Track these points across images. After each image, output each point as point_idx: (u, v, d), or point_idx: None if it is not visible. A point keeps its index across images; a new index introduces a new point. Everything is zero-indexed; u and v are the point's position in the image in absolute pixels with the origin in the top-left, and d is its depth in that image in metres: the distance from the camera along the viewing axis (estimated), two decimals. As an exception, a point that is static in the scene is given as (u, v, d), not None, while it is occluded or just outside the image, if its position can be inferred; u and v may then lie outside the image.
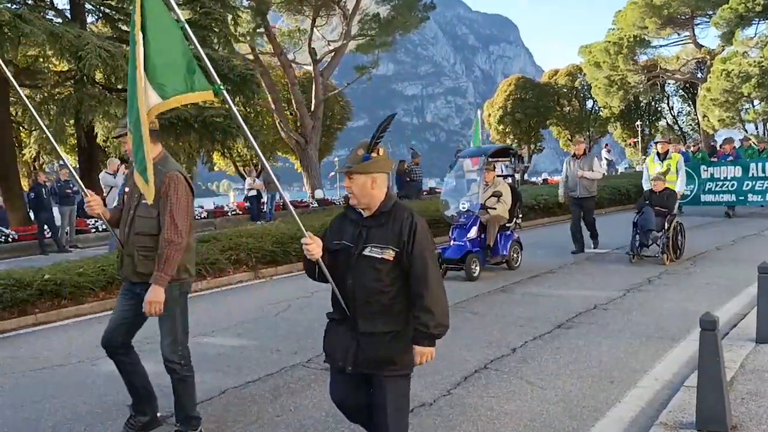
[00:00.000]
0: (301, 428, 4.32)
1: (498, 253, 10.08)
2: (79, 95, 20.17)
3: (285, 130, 30.81)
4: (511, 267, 10.23)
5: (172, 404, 4.84)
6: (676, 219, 10.57)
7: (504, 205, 10.14)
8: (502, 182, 10.47)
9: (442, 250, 9.58)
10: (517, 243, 10.49)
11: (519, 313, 7.41)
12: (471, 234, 9.72)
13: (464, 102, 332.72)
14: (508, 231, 10.34)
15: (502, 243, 10.14)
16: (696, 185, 16.83)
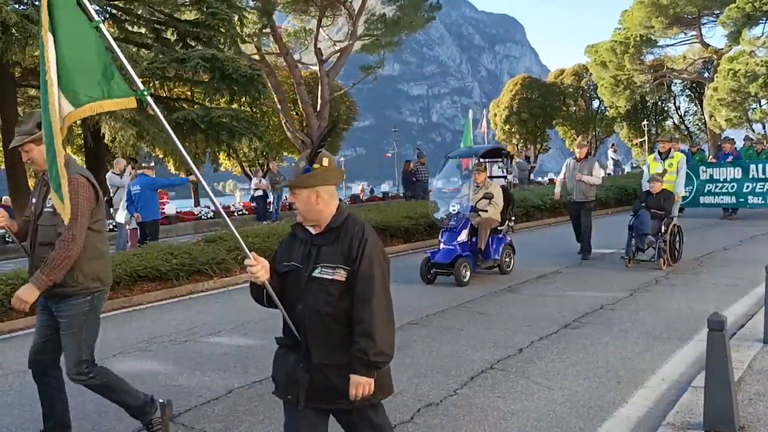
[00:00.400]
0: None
1: (489, 257, 9.70)
2: (86, 96, 20.13)
3: (291, 130, 30.85)
4: (503, 271, 9.88)
5: (183, 404, 4.87)
6: (674, 222, 10.13)
7: (495, 207, 9.81)
8: (493, 184, 10.19)
9: (432, 254, 9.44)
10: (509, 247, 10.08)
11: (526, 313, 7.39)
12: (461, 237, 9.39)
13: (470, 102, 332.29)
14: (500, 234, 9.98)
15: (494, 247, 9.77)
16: (694, 186, 16.46)
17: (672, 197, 10.28)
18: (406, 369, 5.49)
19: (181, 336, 7.12)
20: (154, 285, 9.51)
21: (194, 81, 23.65)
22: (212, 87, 22.46)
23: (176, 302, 9.24)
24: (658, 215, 9.94)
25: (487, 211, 9.70)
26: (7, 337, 7.59)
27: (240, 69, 21.45)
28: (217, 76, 21.71)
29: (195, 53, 21.42)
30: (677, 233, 10.21)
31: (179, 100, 26.92)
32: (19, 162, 22.67)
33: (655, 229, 9.81)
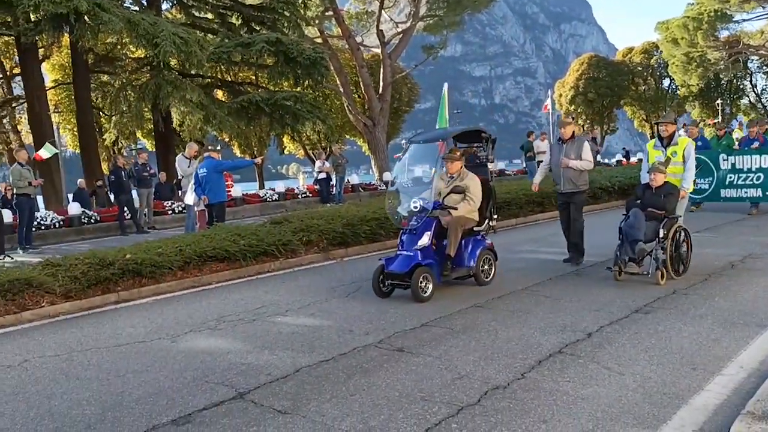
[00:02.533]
0: (374, 407, 4.35)
1: (462, 264, 8.02)
2: (156, 81, 20.77)
3: (353, 112, 30.96)
4: (480, 282, 8.08)
5: (252, 382, 4.98)
6: (678, 224, 8.09)
7: (471, 203, 8.03)
8: (470, 174, 8.22)
9: (386, 261, 7.63)
10: (489, 251, 8.31)
11: (594, 296, 7.23)
12: (422, 241, 7.59)
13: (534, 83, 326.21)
14: (477, 236, 8.30)
15: (469, 251, 8.09)
16: (715, 178, 14.46)
17: (676, 193, 8.17)
18: (471, 351, 5.46)
19: (249, 315, 7.27)
20: (223, 265, 9.73)
21: (259, 65, 23.97)
22: (276, 70, 22.72)
23: (243, 282, 9.43)
24: (655, 215, 7.91)
25: (458, 208, 7.94)
26: (85, 314, 7.89)
27: (304, 52, 21.62)
28: (282, 59, 21.93)
29: (260, 37, 21.68)
30: (683, 239, 8.18)
31: (244, 84, 27.34)
32: (92, 146, 23.52)
33: (651, 234, 7.80)
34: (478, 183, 8.18)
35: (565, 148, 9.18)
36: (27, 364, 5.86)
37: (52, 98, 28.94)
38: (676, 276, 7.83)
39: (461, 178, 8.16)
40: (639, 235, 7.66)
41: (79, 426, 4.32)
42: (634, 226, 7.70)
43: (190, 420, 4.32)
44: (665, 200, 8.00)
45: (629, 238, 7.71)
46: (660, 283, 7.55)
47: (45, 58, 27.72)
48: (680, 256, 8.08)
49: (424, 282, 7.43)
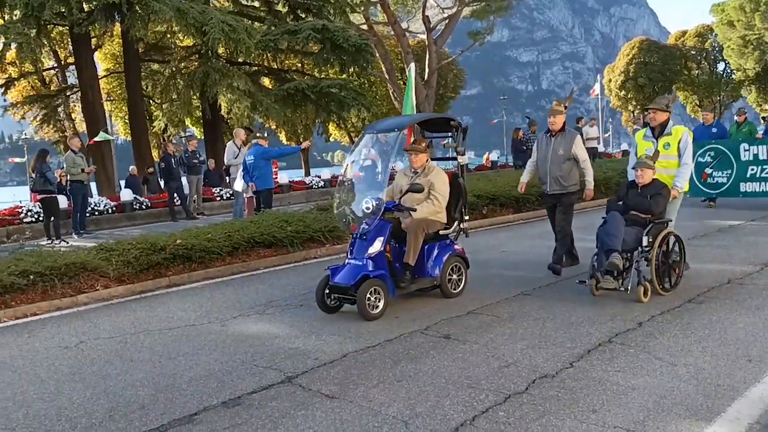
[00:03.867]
0: (421, 394, 4.35)
1: (425, 273, 6.92)
2: (205, 69, 21.05)
3: (398, 99, 30.86)
4: (447, 294, 6.97)
5: (300, 366, 5.03)
6: (667, 230, 6.79)
7: (435, 202, 6.93)
8: (436, 169, 7.16)
9: (332, 271, 6.56)
10: (458, 258, 7.16)
11: (644, 286, 7.08)
12: (374, 248, 6.45)
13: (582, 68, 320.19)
14: (446, 241, 7.19)
15: (433, 259, 6.98)
16: (734, 170, 12.88)
17: (666, 193, 6.82)
18: (518, 340, 5.42)
19: (296, 300, 7.35)
20: (270, 251, 9.85)
21: (305, 52, 24.09)
22: (322, 57, 22.80)
23: (290, 268, 9.54)
24: (639, 220, 6.70)
25: (417, 209, 6.85)
26: (137, 298, 8.09)
27: (350, 39, 21.63)
28: (327, 46, 21.99)
29: (306, 24, 21.76)
30: (674, 247, 6.87)
31: (290, 72, 27.51)
32: (143, 134, 24.01)
33: (632, 242, 6.54)
34: (445, 179, 7.10)
35: (554, 142, 7.92)
36: (83, 346, 6.04)
37: (105, 87, 29.59)
38: (663, 292, 6.55)
39: (425, 173, 7.08)
40: (615, 244, 6.42)
41: (133, 406, 4.43)
42: (610, 233, 6.49)
43: (240, 402, 4.39)
44: (652, 201, 6.69)
45: (605, 246, 6.52)
46: (642, 300, 6.33)
47: (97, 48, 28.33)
48: (669, 268, 6.76)
49: (373, 297, 6.31)
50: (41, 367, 5.45)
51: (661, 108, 7.27)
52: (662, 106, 7.29)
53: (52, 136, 32.73)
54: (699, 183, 13.13)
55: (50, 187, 13.75)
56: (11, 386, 5.02)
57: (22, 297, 7.58)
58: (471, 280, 7.38)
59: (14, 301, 7.49)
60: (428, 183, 6.99)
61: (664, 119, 7.25)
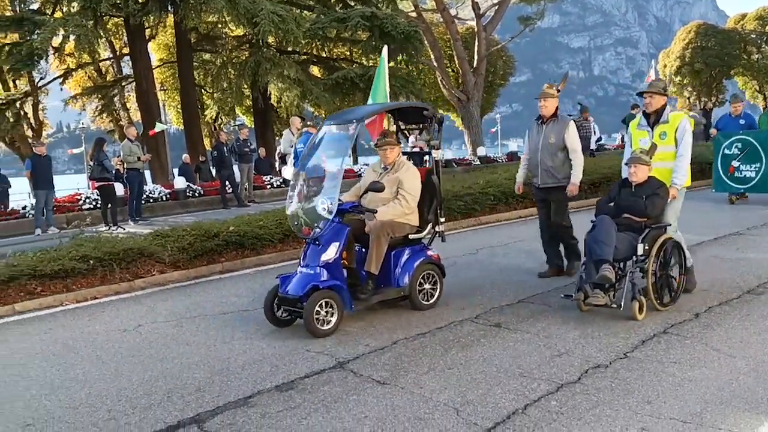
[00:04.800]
0: (472, 381, 4.35)
1: (391, 282, 6.16)
2: (256, 58, 21.29)
3: (447, 87, 30.67)
4: (417, 306, 6.21)
5: (351, 352, 5.08)
6: (665, 236, 5.91)
7: (402, 202, 6.14)
8: (406, 165, 6.41)
9: (282, 280, 5.84)
10: (431, 266, 6.37)
11: (702, 276, 6.86)
12: (328, 254, 5.72)
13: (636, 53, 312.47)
14: (417, 246, 6.41)
15: (401, 266, 6.20)
16: (763, 164, 11.86)
17: (665, 192, 5.95)
18: (571, 329, 5.36)
19: (346, 287, 7.40)
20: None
21: (353, 40, 24.12)
22: (371, 45, 22.80)
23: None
24: (633, 224, 5.82)
25: (377, 210, 6.06)
26: (192, 283, 8.27)
27: (398, 26, 21.57)
28: (376, 34, 21.97)
29: (354, 12, 21.78)
30: (673, 254, 6.01)
31: (339, 60, 27.58)
32: (195, 123, 24.44)
33: (625, 250, 5.68)
34: (416, 176, 6.33)
35: (545, 129, 7.05)
36: (141, 329, 6.22)
37: (158, 77, 30.18)
38: (661, 307, 5.72)
39: (395, 170, 6.35)
40: (605, 253, 5.53)
41: (189, 388, 4.55)
42: (600, 240, 5.60)
43: (293, 386, 4.46)
44: (648, 203, 5.79)
45: (593, 256, 5.64)
46: (637, 318, 5.48)
47: (151, 38, 28.89)
48: (668, 279, 5.91)
49: (324, 310, 5.56)
50: (102, 349, 5.64)
51: (657, 91, 6.32)
52: (659, 89, 6.34)
53: (108, 126, 33.63)
54: (726, 177, 12.43)
55: (107, 175, 14.15)
56: (74, 367, 5.21)
57: (83, 281, 7.84)
58: (523, 267, 7.30)
59: (75, 285, 7.75)
60: (396, 181, 6.23)
61: (661, 105, 6.31)
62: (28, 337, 6.19)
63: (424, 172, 6.59)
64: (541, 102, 7.02)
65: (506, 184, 12.32)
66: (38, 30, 18.62)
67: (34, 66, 20.65)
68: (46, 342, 6.00)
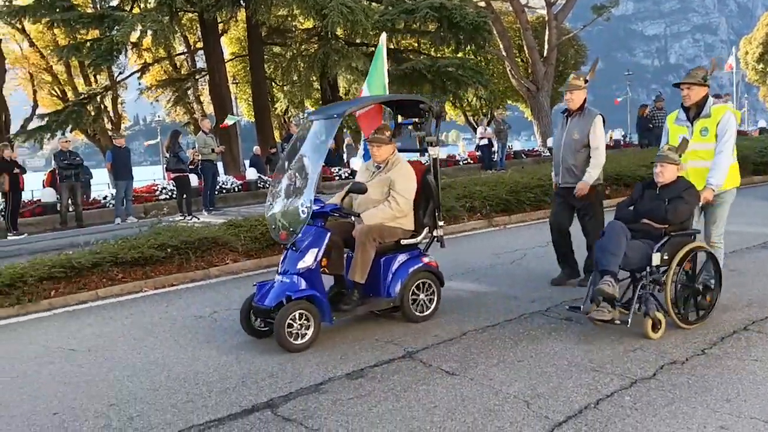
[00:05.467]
0: (542, 375, 4.31)
1: (380, 292, 5.71)
2: (324, 50, 21.50)
3: (516, 77, 30.23)
4: (410, 317, 5.72)
5: (420, 343, 5.10)
6: (694, 244, 5.27)
7: (393, 204, 5.65)
8: (400, 164, 5.87)
9: (258, 288, 5.43)
10: (427, 274, 5.87)
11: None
12: (305, 261, 5.28)
13: (715, 40, 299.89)
14: (412, 252, 5.91)
15: (392, 275, 5.73)
16: None
17: (692, 196, 5.19)
18: (645, 324, 5.23)
19: (415, 278, 7.43)
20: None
21: (421, 31, 24.05)
22: (439, 36, 22.70)
23: (408, 246, 9.64)
24: (652, 231, 5.16)
25: (359, 214, 5.70)
26: (264, 272, 8.45)
27: (467, 17, 21.39)
28: (444, 25, 21.86)
29: (423, 3, 21.69)
30: (706, 267, 5.35)
31: (407, 51, 27.57)
32: (266, 115, 24.91)
33: (638, 260, 5.05)
34: (410, 176, 5.81)
35: (569, 124, 6.45)
36: (216, 315, 6.42)
37: (230, 70, 30.88)
38: (685, 325, 5.05)
39: (388, 169, 5.85)
40: (611, 264, 4.93)
41: (263, 374, 4.67)
42: (606, 249, 5.01)
43: (363, 375, 4.53)
44: (669, 207, 5.11)
45: (599, 265, 5.06)
46: (651, 336, 4.88)
47: (224, 33, 29.58)
48: (695, 295, 5.24)
49: (297, 323, 5.12)
50: (179, 335, 5.85)
51: (696, 82, 5.54)
52: (698, 79, 5.55)
53: (182, 118, 34.66)
54: None
55: (183, 166, 14.60)
56: (153, 351, 5.43)
57: (161, 269, 8.14)
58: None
59: (153, 272, 8.05)
60: (387, 181, 5.74)
61: (701, 97, 5.55)
62: (110, 322, 6.48)
63: (422, 171, 6.03)
64: (567, 95, 6.40)
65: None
66: (117, 26, 19.32)
67: (113, 61, 21.42)
68: (128, 326, 6.27)
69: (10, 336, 6.25)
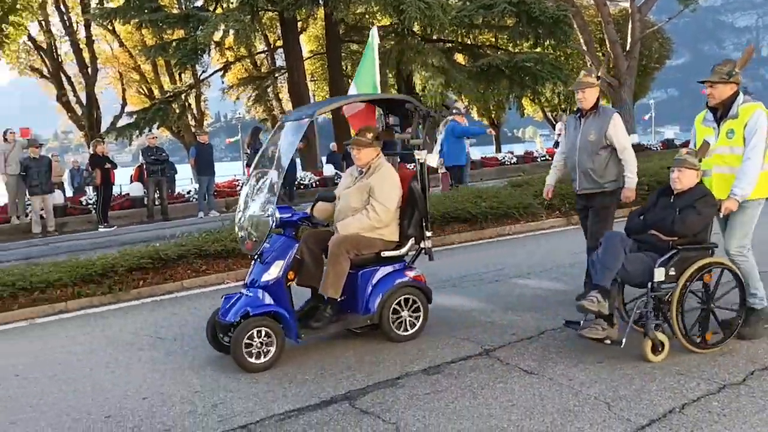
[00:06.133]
0: (624, 377, 4.22)
1: (357, 308, 5.26)
2: (400, 47, 21.55)
3: (597, 72, 29.51)
4: (391, 337, 5.24)
5: (497, 341, 5.06)
6: (709, 259, 4.68)
7: (371, 213, 5.19)
8: (384, 168, 5.37)
9: (224, 301, 5.07)
10: (410, 289, 5.36)
11: None
12: (270, 274, 4.97)
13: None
14: (396, 265, 5.41)
15: (370, 289, 5.25)
16: None
17: (707, 205, 4.64)
18: (734, 328, 5.03)
19: (491, 275, 7.39)
20: (464, 226, 9.98)
21: (499, 26, 23.78)
22: (517, 31, 22.42)
23: (484, 243, 9.60)
24: (659, 243, 4.66)
25: (328, 224, 5.49)
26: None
27: (546, 11, 21.05)
28: (523, 19, 21.56)
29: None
30: (719, 287, 4.74)
31: (484, 47, 27.30)
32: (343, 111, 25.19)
33: (639, 274, 4.59)
34: (393, 182, 5.33)
35: (584, 125, 5.80)
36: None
37: (308, 68, 31.38)
38: (695, 348, 4.55)
39: (369, 174, 5.36)
40: (602, 279, 4.53)
41: (341, 367, 4.75)
42: (601, 262, 4.60)
43: (440, 371, 4.54)
44: (678, 217, 4.58)
45: (592, 279, 4.74)
46: (650, 359, 4.43)
47: (302, 31, 30.08)
48: (709, 316, 4.67)
49: (257, 341, 4.77)
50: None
51: (722, 79, 4.86)
52: (722, 75, 4.86)
53: (262, 115, 35.44)
54: None
55: (262, 162, 14.94)
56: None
57: (242, 261, 8.34)
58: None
59: (235, 264, 8.29)
60: (367, 187, 5.26)
61: (727, 96, 4.88)
62: (196, 311, 6.72)
63: (408, 177, 5.53)
64: (579, 94, 5.75)
65: (661, 173, 11.69)
66: (201, 26, 19.95)
67: (197, 60, 22.13)
68: (211, 316, 6.47)
69: (103, 323, 6.57)
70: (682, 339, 4.52)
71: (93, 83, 29.85)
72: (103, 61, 32.49)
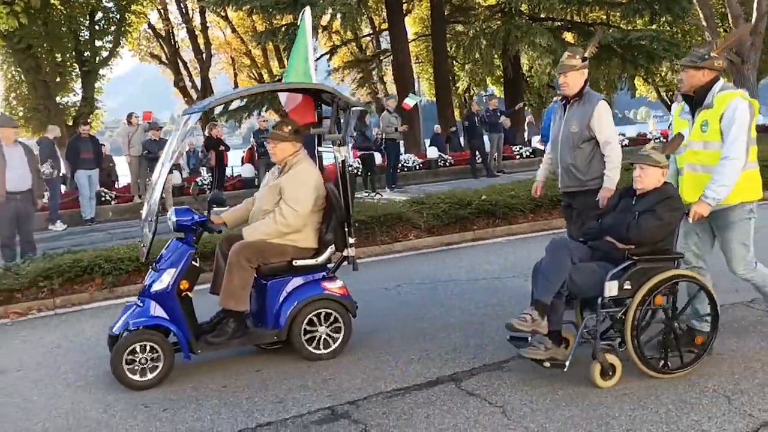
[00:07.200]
0: (746, 370, 4.02)
1: (266, 322, 4.77)
2: (507, 27, 21.17)
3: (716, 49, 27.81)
4: (305, 355, 4.72)
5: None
6: (672, 271, 4.06)
7: (278, 218, 4.70)
8: (300, 166, 4.84)
9: (122, 311, 4.68)
10: (326, 303, 4.81)
11: None
12: (161, 283, 4.53)
13: None
14: (312, 275, 4.86)
15: (279, 303, 4.74)
16: None
17: (669, 210, 4.00)
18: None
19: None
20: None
21: (612, 3, 22.88)
22: (631, 8, 21.51)
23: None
24: (615, 253, 4.06)
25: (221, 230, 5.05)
26: (444, 249, 8.58)
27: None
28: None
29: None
30: (696, 301, 4.29)
31: (595, 25, 26.35)
32: (446, 94, 25.02)
33: (589, 287, 4.00)
34: (304, 182, 4.77)
35: (567, 114, 5.11)
36: (400, 289, 6.64)
37: (413, 50, 31.34)
38: (653, 373, 3.98)
39: (284, 172, 4.87)
40: (541, 292, 3.99)
41: (447, 348, 4.78)
42: (542, 273, 4.04)
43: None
44: (634, 222, 4.01)
45: (533, 295, 4.14)
46: (599, 385, 3.90)
47: (408, 13, 30.05)
48: (676, 336, 4.10)
49: (140, 356, 4.37)
50: (369, 305, 6.03)
51: (694, 64, 4.23)
52: (693, 58, 4.24)
53: (366, 98, 35.80)
54: None
55: (369, 144, 15.13)
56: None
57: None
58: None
59: (341, 244, 8.46)
60: (277, 188, 4.78)
61: (700, 83, 4.24)
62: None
63: (331, 176, 5.05)
64: (560, 78, 5.03)
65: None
66: (310, 11, 20.30)
67: (305, 44, 22.53)
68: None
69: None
70: (638, 362, 3.96)
71: (207, 68, 31.15)
72: (216, 47, 33.82)
